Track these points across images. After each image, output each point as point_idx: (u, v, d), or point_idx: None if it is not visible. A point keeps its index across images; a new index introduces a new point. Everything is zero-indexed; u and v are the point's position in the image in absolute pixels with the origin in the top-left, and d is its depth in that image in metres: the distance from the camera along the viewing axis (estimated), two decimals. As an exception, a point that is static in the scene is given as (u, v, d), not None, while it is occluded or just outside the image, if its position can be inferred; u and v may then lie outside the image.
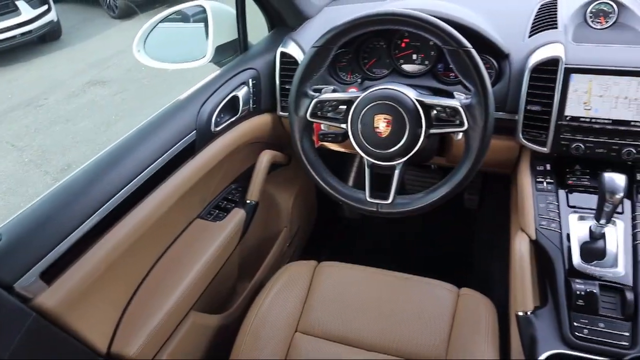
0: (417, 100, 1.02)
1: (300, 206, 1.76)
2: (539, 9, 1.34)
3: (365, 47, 1.36)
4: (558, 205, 1.14)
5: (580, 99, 1.12)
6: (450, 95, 1.14)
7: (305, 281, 1.25)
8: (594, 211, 0.99)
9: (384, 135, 1.03)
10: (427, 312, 1.16)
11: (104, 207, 0.97)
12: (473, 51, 0.96)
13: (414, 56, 1.32)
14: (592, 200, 1.10)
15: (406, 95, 1.02)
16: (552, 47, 1.15)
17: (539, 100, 1.14)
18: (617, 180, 0.96)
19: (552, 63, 1.12)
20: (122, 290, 1.08)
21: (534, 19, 1.29)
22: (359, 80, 1.35)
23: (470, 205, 2.00)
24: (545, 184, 1.17)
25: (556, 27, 1.22)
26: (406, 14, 0.98)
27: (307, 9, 1.50)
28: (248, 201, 1.40)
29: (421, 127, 1.02)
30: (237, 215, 1.34)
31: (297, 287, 1.24)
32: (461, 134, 1.03)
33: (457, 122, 1.00)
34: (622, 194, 0.96)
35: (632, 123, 1.09)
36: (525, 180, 1.20)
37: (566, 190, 1.16)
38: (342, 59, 1.38)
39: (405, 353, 1.10)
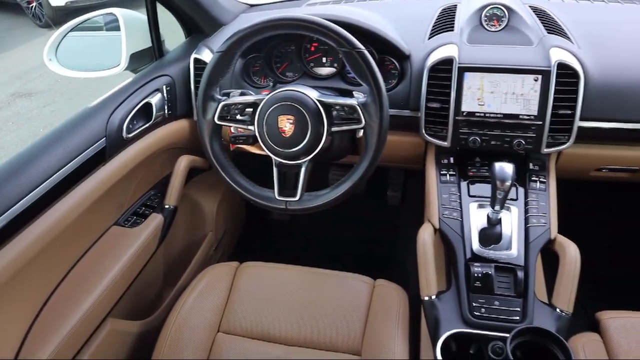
0: (318, 100, 1.07)
1: (226, 210, 1.77)
2: (440, 13, 1.42)
3: (277, 52, 1.40)
4: (460, 195, 1.22)
5: (474, 95, 1.20)
6: (352, 95, 1.20)
7: (227, 282, 1.27)
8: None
9: (288, 135, 1.07)
10: (343, 304, 1.21)
11: (6, 213, 0.96)
12: (366, 53, 1.02)
13: (324, 59, 1.38)
14: (489, 189, 1.18)
15: (308, 96, 1.07)
16: (447, 48, 1.23)
17: (438, 98, 1.21)
18: (506, 169, 1.04)
19: (447, 63, 1.19)
20: (33, 299, 1.06)
21: (434, 23, 1.37)
22: (271, 84, 1.39)
23: (394, 201, 2.08)
24: (448, 176, 1.25)
25: (453, 30, 1.30)
26: (302, 19, 1.03)
27: (222, 16, 1.53)
28: (166, 206, 1.41)
29: (323, 125, 1.07)
30: (155, 220, 1.35)
31: (218, 288, 1.26)
32: (362, 131, 1.08)
33: (356, 119, 1.05)
34: (510, 182, 1.04)
35: (521, 116, 1.19)
36: (431, 173, 1.27)
37: (467, 181, 1.24)
38: (255, 63, 1.42)
39: (323, 345, 1.14)
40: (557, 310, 1.05)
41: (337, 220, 2.03)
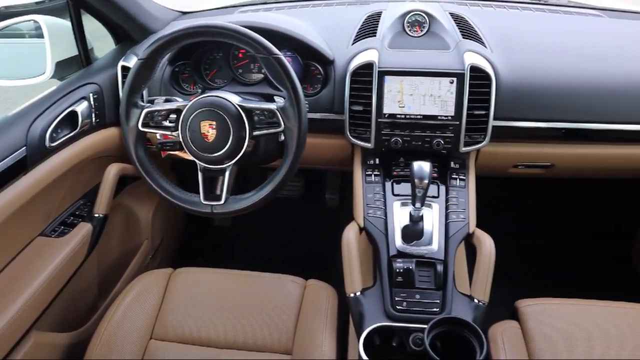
0: (239, 105, 1.09)
1: (163, 217, 1.76)
2: (365, 19, 1.47)
3: (205, 59, 1.41)
4: (384, 194, 1.26)
5: (395, 97, 1.25)
6: (274, 100, 1.23)
7: (159, 289, 1.26)
8: None
9: (210, 140, 1.09)
10: (275, 305, 1.23)
11: None
12: (282, 58, 1.05)
13: (252, 65, 1.40)
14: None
15: (229, 101, 1.09)
16: (368, 53, 1.27)
17: (361, 101, 1.26)
18: (424, 167, 1.09)
19: (367, 67, 1.24)
20: None
21: (359, 29, 1.42)
22: (200, 90, 1.40)
23: (332, 204, 2.12)
24: (373, 176, 1.29)
25: (375, 35, 1.35)
26: (220, 26, 1.05)
27: (151, 23, 1.52)
28: (96, 215, 1.39)
29: (245, 130, 1.09)
30: (83, 229, 1.33)
31: (150, 296, 1.25)
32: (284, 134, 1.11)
33: (276, 123, 1.08)
34: (428, 180, 1.09)
35: (439, 117, 1.25)
36: (357, 174, 1.32)
37: (392, 181, 1.29)
38: (184, 70, 1.42)
39: (255, 346, 1.16)
40: (475, 300, 1.11)
41: (277, 224, 2.05)
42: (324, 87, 1.32)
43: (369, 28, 1.40)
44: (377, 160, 1.32)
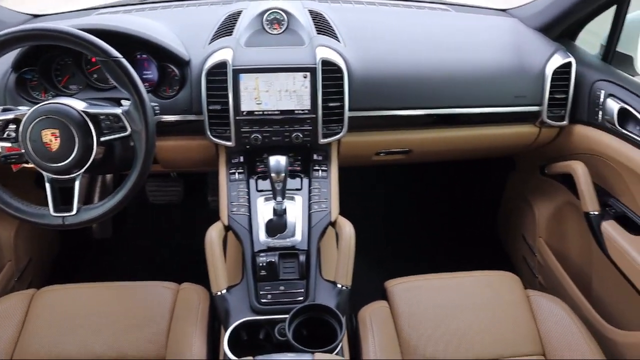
0: (83, 111, 1.05)
1: (29, 236, 1.66)
2: (225, 18, 1.47)
3: (55, 65, 1.34)
4: (248, 191, 1.28)
5: (252, 95, 1.26)
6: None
7: (18, 313, 1.19)
8: None
9: (54, 149, 1.04)
10: (146, 313, 1.20)
11: None
12: (123, 60, 1.03)
13: None
14: None
15: (72, 107, 1.05)
16: (222, 52, 1.27)
17: (218, 100, 1.26)
18: (280, 161, 1.12)
19: (221, 66, 1.24)
20: None
21: (217, 28, 1.42)
22: (51, 98, 1.33)
23: (214, 205, 2.10)
24: (237, 174, 1.30)
25: (231, 34, 1.36)
26: (51, 29, 1.00)
27: None
28: None
29: (91, 136, 1.05)
30: None
31: (9, 320, 1.18)
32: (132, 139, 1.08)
33: (122, 128, 1.06)
34: (284, 173, 1.12)
35: (296, 111, 1.28)
36: (221, 173, 1.32)
37: (256, 177, 1.31)
38: (32, 77, 1.34)
39: (128, 355, 1.13)
40: (338, 285, 1.15)
41: (161, 231, 2.01)
42: (182, 89, 1.30)
43: (226, 27, 1.41)
44: (242, 158, 1.33)
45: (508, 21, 1.60)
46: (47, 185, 1.08)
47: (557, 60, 1.39)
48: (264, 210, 1.23)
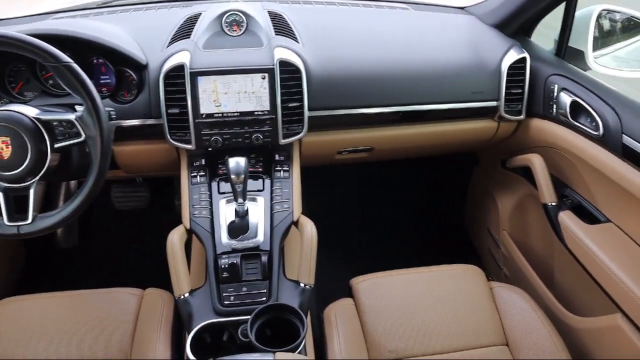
0: (35, 118, 1.03)
1: None
2: (184, 22, 1.46)
3: (8, 71, 1.32)
4: (210, 194, 1.27)
5: (210, 97, 1.26)
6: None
7: None
8: None
9: (6, 157, 1.02)
10: (111, 320, 1.19)
11: None
12: (74, 65, 1.01)
13: None
14: None
15: (23, 114, 1.03)
16: (180, 55, 1.27)
17: (177, 103, 1.25)
18: (239, 162, 1.12)
19: (179, 69, 1.24)
20: None
21: (176, 31, 1.41)
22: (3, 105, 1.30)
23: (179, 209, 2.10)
24: (198, 177, 1.30)
25: (189, 37, 1.35)
26: None
27: None
28: None
29: (45, 143, 1.04)
30: None
31: None
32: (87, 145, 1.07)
33: (76, 133, 1.04)
34: (244, 174, 1.12)
35: (255, 113, 1.28)
36: (183, 176, 1.31)
37: (218, 179, 1.30)
38: None
39: None
40: (301, 285, 1.16)
41: (127, 237, 1.99)
42: (140, 93, 1.29)
43: (185, 30, 1.40)
44: (203, 161, 1.33)
45: (465, 19, 1.64)
46: (0, 195, 1.06)
47: (512, 56, 1.42)
48: (226, 212, 1.23)
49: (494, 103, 1.44)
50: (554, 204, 1.40)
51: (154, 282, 1.31)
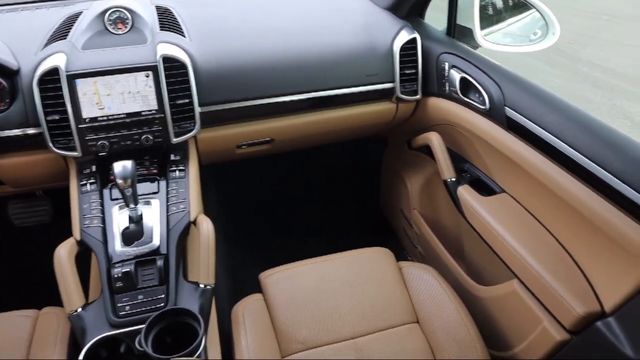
0: None
1: None
2: (62, 22, 1.38)
3: None
4: (102, 202, 1.21)
5: (92, 100, 1.19)
6: None
7: None
8: None
9: None
10: (2, 346, 1.11)
11: None
12: None
13: None
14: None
15: None
16: (54, 57, 1.19)
17: (56, 109, 1.18)
18: (126, 166, 1.06)
19: (54, 73, 1.16)
20: None
21: (53, 32, 1.33)
22: None
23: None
24: (88, 185, 1.23)
25: (65, 38, 1.27)
26: None
27: None
28: None
29: None
30: None
31: None
32: None
33: None
34: (131, 178, 1.06)
35: (143, 113, 1.23)
36: (71, 186, 1.24)
37: (110, 186, 1.24)
38: None
39: None
40: (201, 286, 1.12)
41: (27, 255, 1.87)
42: (14, 101, 1.20)
43: (62, 30, 1.32)
44: (94, 168, 1.26)
45: (358, 2, 1.64)
46: None
47: (404, 37, 1.44)
48: (119, 219, 1.18)
49: (389, 85, 1.46)
50: (453, 179, 1.44)
51: (53, 300, 1.24)
